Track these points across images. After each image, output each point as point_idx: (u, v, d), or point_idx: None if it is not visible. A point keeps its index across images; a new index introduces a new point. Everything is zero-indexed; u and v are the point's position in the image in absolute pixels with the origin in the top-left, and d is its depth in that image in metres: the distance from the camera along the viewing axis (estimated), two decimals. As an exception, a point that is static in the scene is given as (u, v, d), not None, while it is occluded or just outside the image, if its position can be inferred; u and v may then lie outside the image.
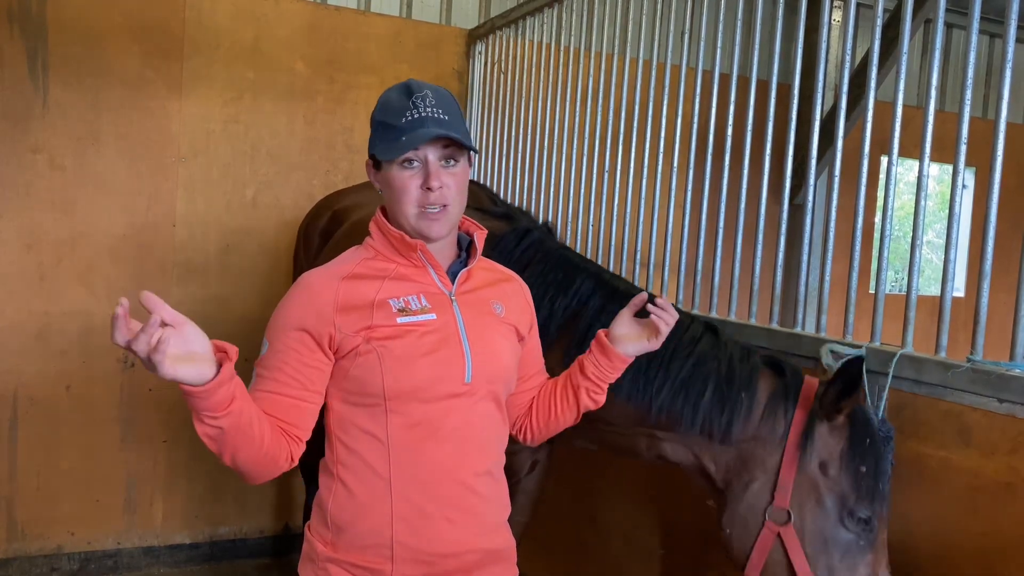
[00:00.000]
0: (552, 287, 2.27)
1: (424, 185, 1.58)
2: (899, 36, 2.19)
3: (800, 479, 1.88)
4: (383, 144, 1.60)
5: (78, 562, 3.96)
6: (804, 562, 1.83)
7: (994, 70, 6.29)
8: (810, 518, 1.86)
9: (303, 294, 1.61)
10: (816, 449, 1.88)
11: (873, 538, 1.83)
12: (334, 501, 1.60)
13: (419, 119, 1.57)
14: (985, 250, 1.91)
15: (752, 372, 2.02)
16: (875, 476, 1.82)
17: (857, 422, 1.86)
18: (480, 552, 1.64)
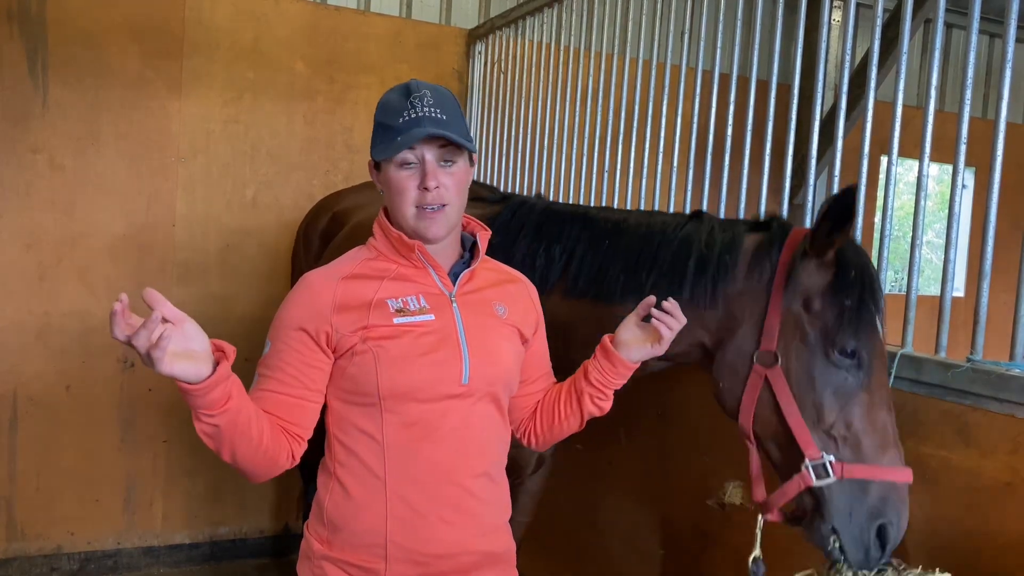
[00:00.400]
0: (547, 238, 2.26)
1: (421, 185, 1.58)
2: (899, 36, 2.19)
3: (786, 320, 1.83)
4: (381, 144, 1.60)
5: (78, 562, 3.96)
6: (791, 402, 1.78)
7: (994, 70, 6.30)
8: (795, 357, 1.81)
9: (303, 294, 1.62)
10: (801, 287, 1.83)
11: (866, 377, 1.77)
12: (331, 499, 1.61)
13: (415, 119, 1.57)
14: (985, 250, 1.91)
15: (736, 236, 1.99)
16: (859, 308, 1.76)
17: (845, 256, 1.81)
18: (476, 554, 1.64)
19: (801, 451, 1.75)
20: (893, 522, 1.71)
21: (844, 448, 1.74)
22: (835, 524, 1.73)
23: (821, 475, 1.73)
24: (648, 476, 2.80)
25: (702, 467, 2.50)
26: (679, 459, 2.64)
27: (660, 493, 2.74)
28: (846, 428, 1.75)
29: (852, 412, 1.76)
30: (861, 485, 1.73)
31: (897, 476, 1.72)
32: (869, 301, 1.77)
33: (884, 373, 1.81)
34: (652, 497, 2.79)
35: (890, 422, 1.77)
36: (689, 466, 2.57)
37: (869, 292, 1.78)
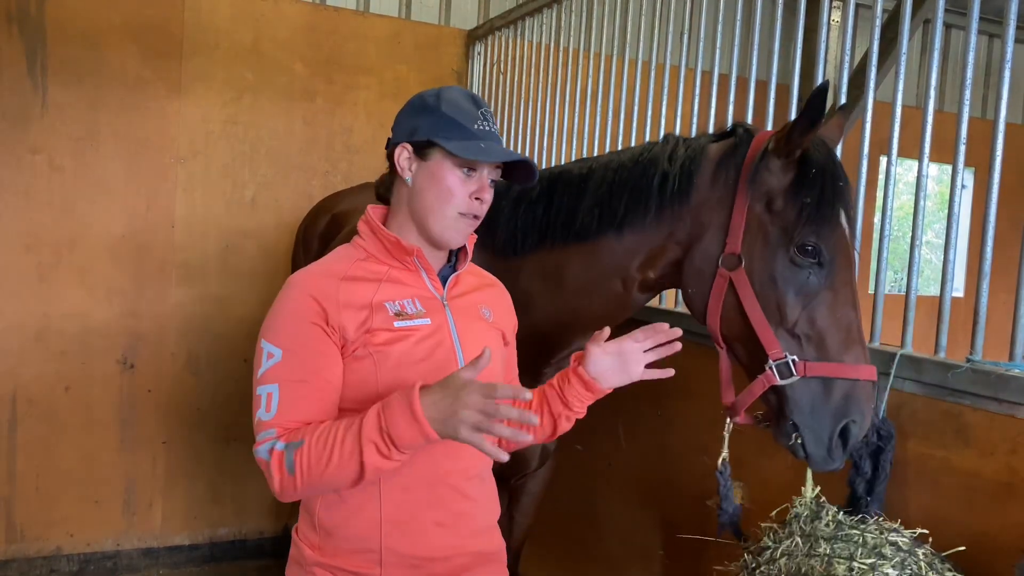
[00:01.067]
0: (527, 200, 2.27)
1: (476, 195, 1.61)
2: (898, 36, 2.19)
3: (750, 221, 1.84)
4: (459, 141, 1.58)
5: (77, 564, 3.96)
6: (755, 303, 1.79)
7: (993, 70, 6.30)
8: (758, 257, 1.82)
9: (306, 291, 1.56)
10: (765, 187, 1.83)
11: (829, 275, 1.76)
12: (322, 505, 1.59)
13: (490, 132, 1.62)
14: (984, 250, 1.91)
15: (700, 147, 2.00)
16: (819, 204, 1.75)
17: (808, 157, 1.80)
18: (470, 555, 1.64)
19: (765, 351, 1.76)
20: (856, 420, 1.72)
21: (808, 347, 1.75)
22: (796, 420, 1.75)
23: (784, 374, 1.74)
24: (648, 476, 2.80)
25: (702, 467, 2.50)
26: (678, 459, 2.64)
27: (660, 493, 2.74)
28: (809, 327, 1.76)
29: (815, 311, 1.76)
30: (824, 383, 1.73)
31: (860, 373, 1.72)
32: (831, 198, 1.77)
33: (849, 271, 1.80)
34: (652, 497, 2.79)
35: (855, 320, 1.77)
36: (688, 466, 2.57)
37: (831, 189, 1.77)
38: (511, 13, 4.03)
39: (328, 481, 1.44)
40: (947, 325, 1.99)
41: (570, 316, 2.18)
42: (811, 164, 1.79)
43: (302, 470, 1.42)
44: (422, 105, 1.65)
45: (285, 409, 1.49)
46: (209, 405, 4.13)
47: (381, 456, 1.39)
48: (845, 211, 1.82)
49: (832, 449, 1.74)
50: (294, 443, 1.44)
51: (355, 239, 1.69)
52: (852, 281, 1.81)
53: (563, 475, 2.91)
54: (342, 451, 1.41)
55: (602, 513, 3.06)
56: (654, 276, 2.08)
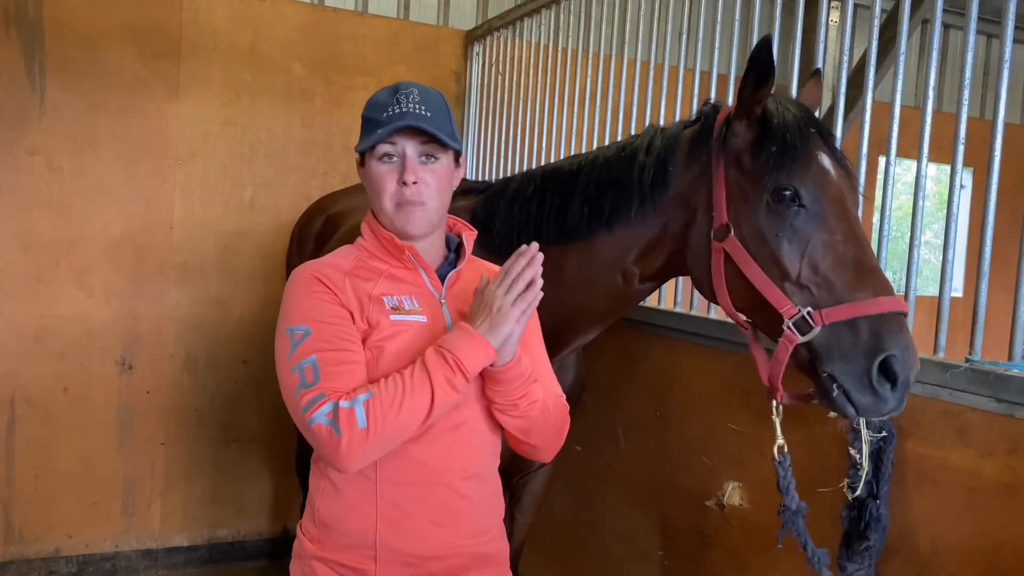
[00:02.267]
0: (522, 198, 2.27)
1: (400, 179, 1.59)
2: (896, 37, 2.19)
3: (729, 188, 1.82)
4: (363, 137, 1.62)
5: (76, 565, 3.96)
6: (752, 265, 1.75)
7: (991, 70, 6.30)
8: (743, 219, 1.79)
9: (313, 279, 1.59)
10: (734, 151, 1.83)
11: (818, 214, 1.71)
12: (322, 499, 1.61)
13: (399, 113, 1.58)
14: (983, 250, 1.91)
15: (674, 136, 2.00)
16: (784, 149, 1.72)
17: (769, 112, 1.79)
18: (467, 556, 1.63)
19: (779, 312, 1.69)
20: (896, 354, 1.59)
21: (821, 293, 1.67)
22: (830, 370, 1.65)
23: (804, 329, 1.65)
24: (647, 477, 2.80)
25: (701, 467, 2.50)
26: (678, 460, 2.64)
27: (659, 494, 2.74)
28: (813, 273, 1.69)
29: (814, 254, 1.69)
30: (847, 326, 1.63)
31: (880, 307, 1.62)
32: (795, 140, 1.74)
33: (840, 206, 1.74)
34: (651, 498, 2.79)
35: (863, 254, 1.69)
36: (688, 467, 2.57)
37: (796, 133, 1.75)
38: (509, 14, 4.02)
39: (399, 427, 1.47)
40: (946, 325, 1.99)
41: (571, 312, 2.18)
42: (773, 116, 1.79)
43: (375, 419, 1.44)
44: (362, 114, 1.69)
45: (329, 375, 1.49)
46: (208, 406, 4.12)
47: (451, 386, 1.47)
48: (823, 150, 1.78)
49: (878, 390, 1.61)
50: (360, 396, 1.46)
51: (358, 240, 1.72)
52: (848, 215, 1.74)
53: (562, 476, 2.90)
54: (414, 392, 1.46)
55: (601, 514, 3.06)
56: (654, 268, 2.08)
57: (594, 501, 3.09)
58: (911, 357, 1.62)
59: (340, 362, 1.51)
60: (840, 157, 1.83)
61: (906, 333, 1.63)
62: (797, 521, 1.80)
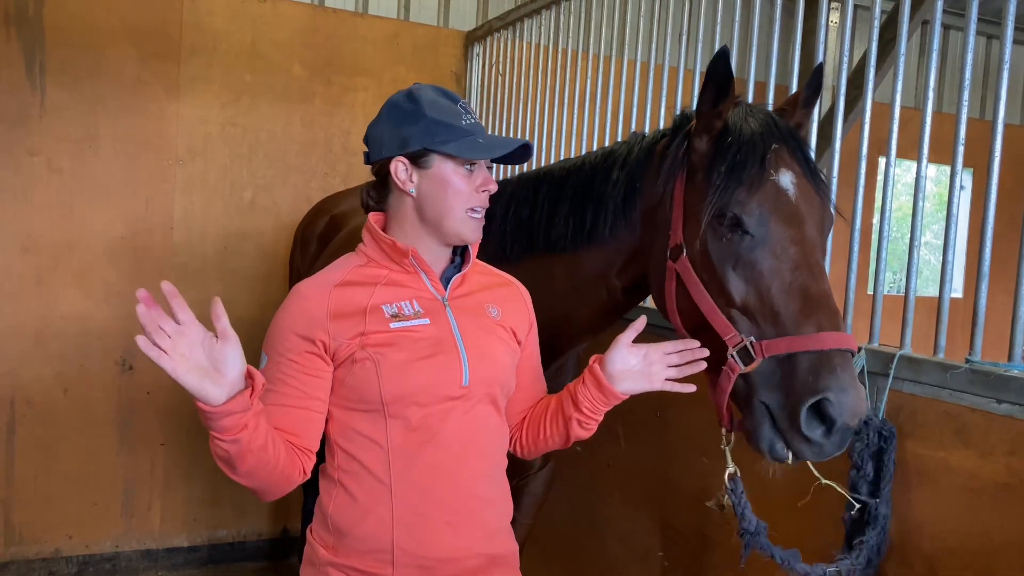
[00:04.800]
0: (516, 201, 2.24)
1: (481, 187, 1.62)
2: (896, 38, 2.19)
3: (685, 207, 1.73)
4: (456, 142, 1.59)
5: (76, 565, 3.95)
6: (700, 289, 1.66)
7: (991, 71, 6.30)
8: (691, 239, 1.70)
9: (296, 304, 1.61)
10: (692, 167, 1.73)
11: (766, 240, 1.61)
12: (335, 505, 1.60)
13: (477, 124, 1.63)
14: (983, 251, 1.91)
15: (646, 149, 1.93)
16: (732, 169, 1.62)
17: (728, 127, 1.68)
18: (481, 557, 1.64)
19: (722, 339, 1.61)
20: (831, 397, 1.48)
21: (765, 324, 1.58)
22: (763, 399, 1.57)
23: (746, 360, 1.57)
24: (647, 477, 2.80)
25: (701, 468, 2.50)
26: (678, 460, 2.64)
27: (659, 494, 2.74)
28: (759, 301, 1.60)
29: (760, 282, 1.60)
30: (787, 360, 1.54)
31: (823, 343, 1.51)
32: (744, 159, 1.63)
33: (792, 229, 1.62)
34: (651, 498, 2.79)
35: (813, 282, 1.58)
36: (688, 467, 2.57)
37: (749, 150, 1.64)
38: (510, 14, 4.03)
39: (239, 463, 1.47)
40: (946, 326, 1.99)
41: (562, 321, 2.15)
42: (729, 133, 1.68)
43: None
44: (402, 114, 1.64)
45: None
46: (208, 407, 4.12)
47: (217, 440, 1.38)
48: (786, 166, 1.66)
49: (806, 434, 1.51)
50: None
51: (359, 246, 1.72)
52: (802, 239, 1.63)
53: (563, 476, 2.90)
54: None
55: (601, 514, 3.06)
56: (635, 282, 2.02)
57: (594, 501, 3.09)
58: (850, 400, 1.49)
59: (270, 403, 1.53)
60: (810, 171, 1.70)
61: (848, 373, 1.51)
62: (759, 540, 1.76)
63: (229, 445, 1.35)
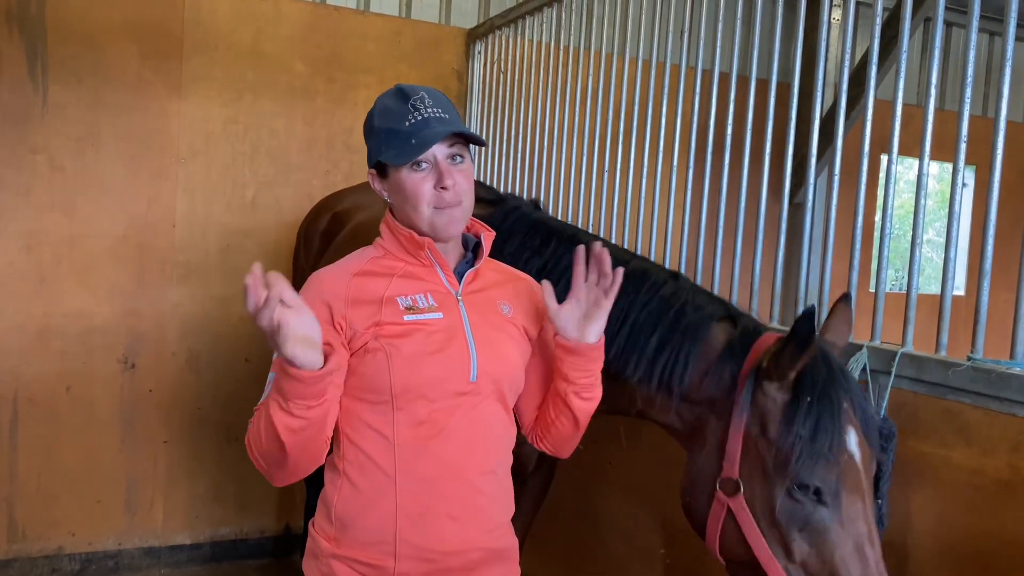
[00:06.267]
0: (529, 250, 2.26)
1: (438, 185, 1.60)
2: (899, 34, 2.19)
3: (747, 444, 1.74)
4: (392, 151, 1.60)
5: (79, 563, 3.96)
6: (759, 537, 1.69)
7: (994, 68, 6.29)
8: (758, 488, 1.71)
9: (316, 288, 1.63)
10: (760, 409, 1.74)
11: (836, 512, 1.65)
12: (339, 497, 1.61)
13: (423, 120, 1.59)
14: (985, 249, 1.91)
15: (702, 323, 1.93)
16: (814, 439, 1.65)
17: (803, 380, 1.70)
18: (483, 551, 1.64)
19: None
20: None
21: None
22: None
23: None
24: (648, 476, 2.80)
25: (703, 466, 2.50)
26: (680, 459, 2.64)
27: (661, 493, 2.74)
28: (820, 564, 1.65)
29: (824, 550, 1.65)
30: None
31: None
32: (828, 430, 1.66)
33: (860, 503, 1.67)
34: (653, 497, 2.79)
35: (872, 557, 1.65)
36: (690, 465, 2.57)
37: (829, 421, 1.66)
38: (511, 12, 4.02)
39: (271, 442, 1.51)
40: (948, 324, 1.99)
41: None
42: (806, 390, 1.69)
43: (249, 444, 1.53)
44: (368, 127, 1.70)
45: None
46: (210, 404, 4.13)
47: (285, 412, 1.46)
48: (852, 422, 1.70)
49: None
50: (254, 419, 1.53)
51: (377, 240, 1.73)
52: (866, 513, 1.68)
53: (565, 475, 2.91)
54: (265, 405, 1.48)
55: (603, 513, 3.06)
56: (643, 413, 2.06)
57: (596, 499, 3.09)
58: None
59: None
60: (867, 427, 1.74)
61: None
62: None
63: (315, 410, 1.43)
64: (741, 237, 2.68)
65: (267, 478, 1.58)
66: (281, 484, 1.59)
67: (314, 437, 1.49)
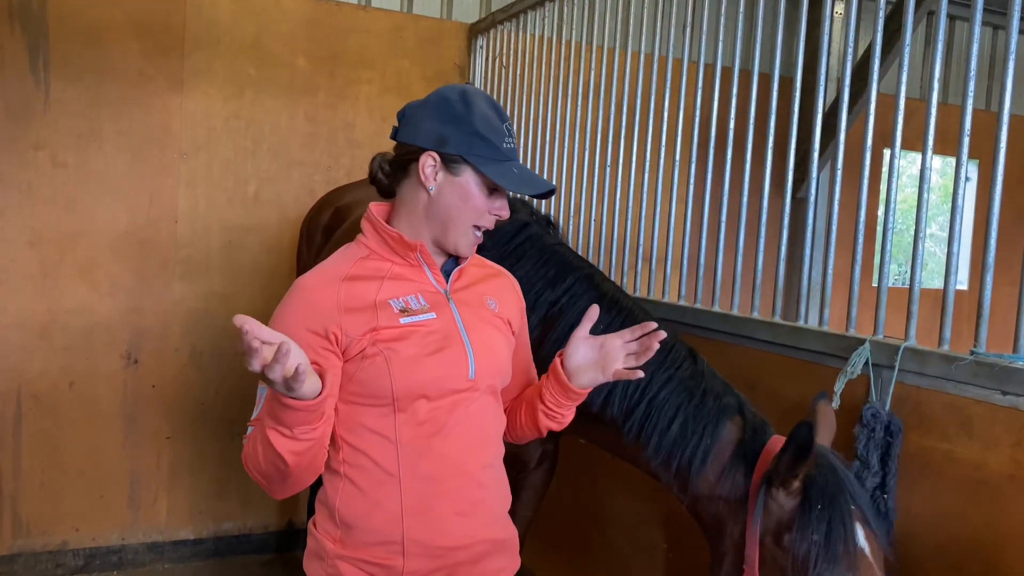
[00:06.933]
0: (540, 281, 2.26)
1: (496, 212, 1.64)
2: (902, 28, 2.18)
3: (763, 554, 1.78)
4: (493, 165, 1.59)
5: (83, 558, 3.98)
6: None
7: (997, 62, 6.27)
8: None
9: (304, 296, 1.58)
10: (772, 516, 1.78)
11: None
12: (342, 499, 1.60)
13: (514, 149, 1.64)
14: (988, 243, 1.90)
15: (720, 417, 1.97)
16: (828, 543, 1.68)
17: (811, 486, 1.73)
18: (487, 543, 1.66)
19: None
20: None
21: None
22: None
23: None
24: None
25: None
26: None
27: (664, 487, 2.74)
28: None
29: None
30: None
31: None
32: (840, 534, 1.68)
33: None
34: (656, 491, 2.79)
35: None
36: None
37: (839, 524, 1.69)
38: (513, 6, 4.02)
39: (264, 471, 1.52)
40: (951, 318, 1.99)
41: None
42: (814, 496, 1.72)
43: (246, 459, 1.52)
44: (450, 112, 1.60)
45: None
46: (213, 400, 4.14)
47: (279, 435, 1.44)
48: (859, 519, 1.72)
49: None
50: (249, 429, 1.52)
51: (358, 237, 1.70)
52: None
53: (567, 470, 2.91)
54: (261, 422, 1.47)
55: (606, 507, 3.06)
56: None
57: (599, 494, 3.09)
58: None
59: None
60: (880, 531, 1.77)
61: None
62: None
63: (319, 429, 1.42)
64: (743, 232, 2.68)
65: (267, 491, 1.57)
66: (281, 497, 1.58)
67: (318, 453, 1.50)
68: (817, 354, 2.22)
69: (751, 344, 2.48)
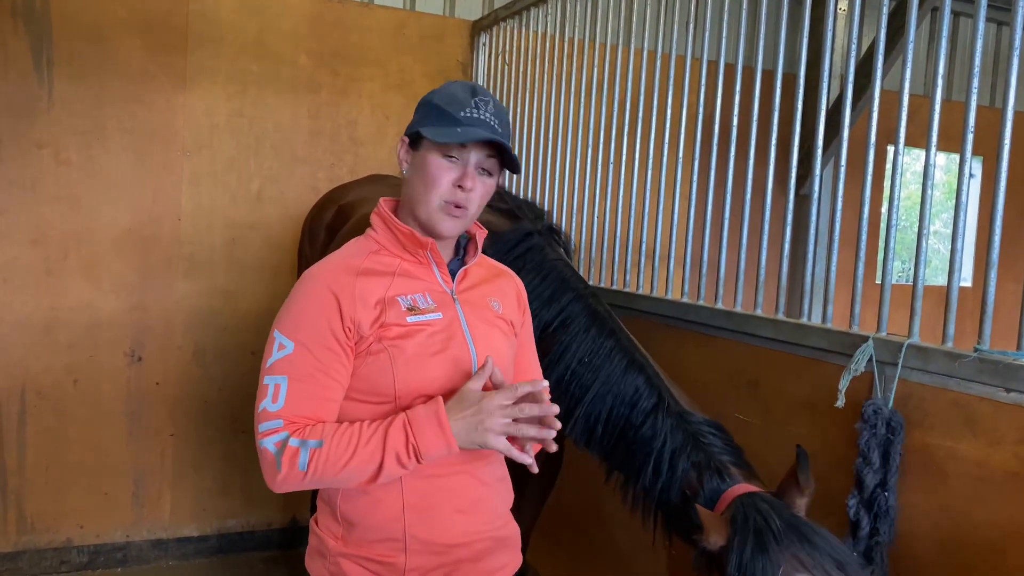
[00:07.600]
0: (537, 300, 2.26)
1: (457, 182, 1.59)
2: (905, 25, 2.17)
3: None
4: (436, 127, 1.59)
5: (87, 555, 3.99)
6: None
7: (1001, 58, 6.25)
8: None
9: (321, 288, 1.57)
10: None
11: None
12: (343, 497, 1.61)
13: (478, 119, 1.59)
14: (992, 239, 1.90)
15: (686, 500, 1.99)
16: None
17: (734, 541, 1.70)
18: (489, 540, 1.66)
19: None
20: None
21: None
22: None
23: None
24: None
25: (708, 458, 2.50)
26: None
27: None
28: None
29: None
30: None
31: None
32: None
33: None
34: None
35: None
36: (695, 457, 2.57)
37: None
38: (516, 3, 4.01)
39: (338, 480, 1.51)
40: (955, 315, 1.99)
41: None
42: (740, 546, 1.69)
43: (316, 469, 1.47)
44: (424, 100, 1.67)
45: (292, 403, 1.50)
46: (216, 397, 4.15)
47: (400, 465, 1.48)
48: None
49: None
50: (311, 441, 1.47)
51: (368, 231, 1.70)
52: None
53: (571, 468, 2.91)
54: (362, 457, 1.47)
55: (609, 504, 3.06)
56: None
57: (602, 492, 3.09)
58: None
59: (308, 395, 1.52)
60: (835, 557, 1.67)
61: None
62: None
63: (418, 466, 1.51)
64: (747, 229, 2.68)
65: (279, 487, 1.52)
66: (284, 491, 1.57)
67: None
68: (820, 351, 2.22)
69: (754, 341, 2.48)
